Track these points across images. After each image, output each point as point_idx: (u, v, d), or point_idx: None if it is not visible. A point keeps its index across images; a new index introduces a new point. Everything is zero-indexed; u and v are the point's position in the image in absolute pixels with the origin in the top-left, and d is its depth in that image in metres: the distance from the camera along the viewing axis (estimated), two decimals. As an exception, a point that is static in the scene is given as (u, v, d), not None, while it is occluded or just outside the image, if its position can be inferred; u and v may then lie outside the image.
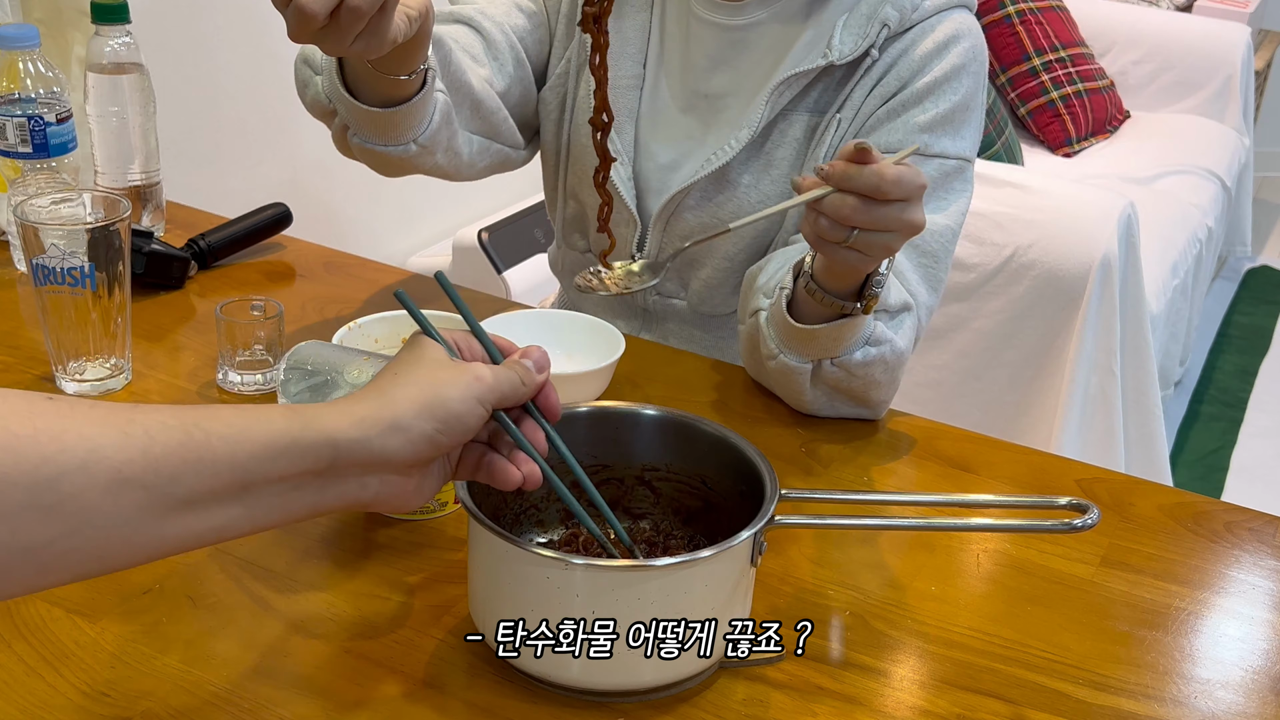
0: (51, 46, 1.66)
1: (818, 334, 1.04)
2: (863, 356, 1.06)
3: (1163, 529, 1.00)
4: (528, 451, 0.75)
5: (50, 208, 1.06)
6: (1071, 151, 3.38)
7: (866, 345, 1.06)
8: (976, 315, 2.29)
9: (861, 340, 1.06)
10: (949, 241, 1.16)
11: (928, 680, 0.82)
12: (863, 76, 1.17)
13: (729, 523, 0.85)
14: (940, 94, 1.16)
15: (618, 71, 1.23)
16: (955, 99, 1.16)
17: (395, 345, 0.99)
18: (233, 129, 2.06)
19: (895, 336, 1.09)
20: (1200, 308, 3.24)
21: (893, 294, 1.09)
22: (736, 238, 1.22)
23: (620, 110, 1.24)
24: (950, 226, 1.16)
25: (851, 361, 1.06)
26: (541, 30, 1.28)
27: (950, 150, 1.16)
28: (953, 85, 1.16)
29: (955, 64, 1.16)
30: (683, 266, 1.27)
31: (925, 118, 1.15)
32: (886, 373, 1.09)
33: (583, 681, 0.77)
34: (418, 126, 1.10)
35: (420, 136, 1.11)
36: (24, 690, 0.76)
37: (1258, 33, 4.16)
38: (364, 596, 0.86)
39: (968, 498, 0.95)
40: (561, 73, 1.27)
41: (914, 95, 1.16)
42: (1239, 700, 0.83)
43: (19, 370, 1.11)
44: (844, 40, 1.16)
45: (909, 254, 1.14)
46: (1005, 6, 3.38)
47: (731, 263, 1.24)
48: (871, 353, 1.06)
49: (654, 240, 1.25)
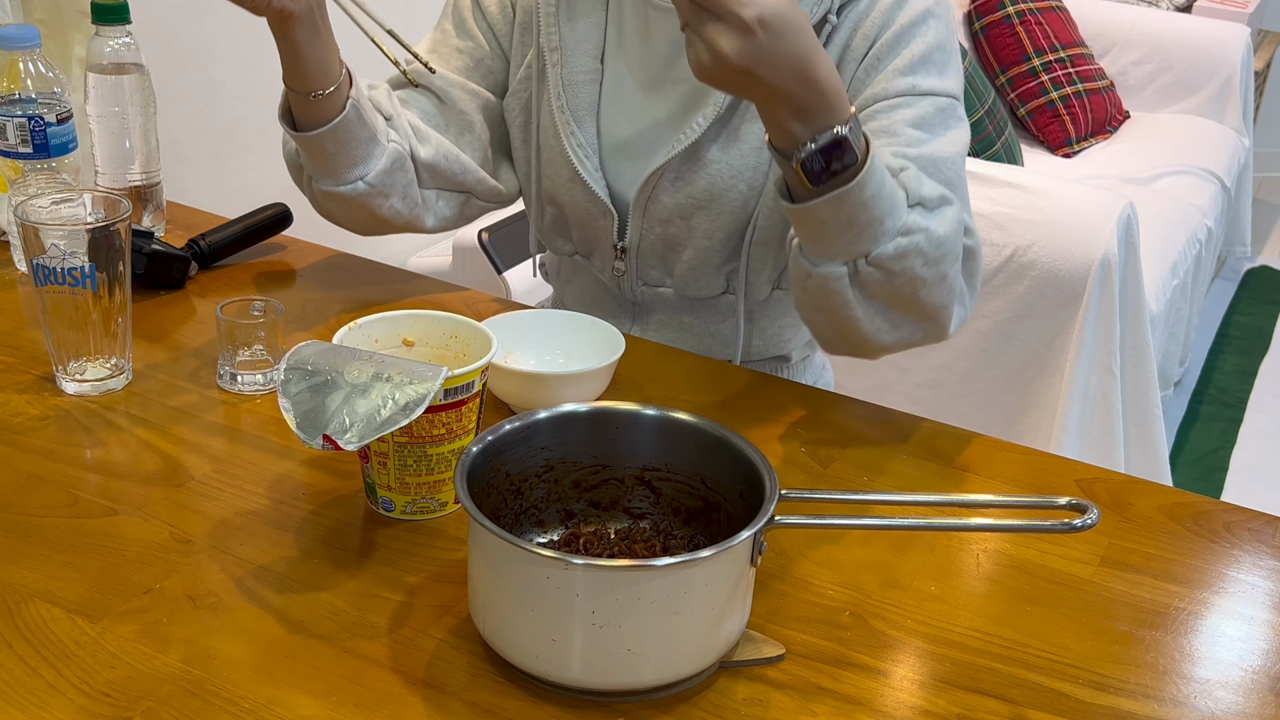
0: (52, 47, 1.66)
1: (816, 211, 1.01)
2: (895, 249, 1.03)
3: (1162, 529, 1.00)
4: None
5: (50, 208, 1.06)
6: (1071, 152, 3.38)
7: (899, 236, 1.03)
8: (976, 315, 2.29)
9: (892, 231, 1.03)
10: (961, 169, 1.15)
11: (928, 680, 0.82)
12: (826, 43, 1.17)
13: (729, 523, 0.85)
14: (911, 38, 1.15)
15: (574, 69, 1.25)
16: (928, 40, 1.15)
17: (395, 345, 0.99)
18: (233, 129, 2.06)
19: (930, 224, 1.05)
20: (1200, 308, 3.24)
21: (926, 185, 1.06)
22: (713, 215, 1.23)
23: (579, 106, 1.25)
24: (958, 154, 1.15)
25: (885, 255, 1.03)
26: (488, 59, 1.31)
27: (938, 88, 1.16)
28: (921, 29, 1.15)
29: (919, 9, 1.15)
30: (665, 251, 1.27)
31: (902, 62, 1.15)
32: (928, 266, 1.06)
33: (583, 681, 0.77)
34: (362, 164, 1.21)
35: (367, 176, 1.21)
36: (24, 690, 0.76)
37: (1257, 33, 4.16)
38: (364, 596, 0.86)
39: (967, 498, 0.95)
40: (523, 78, 1.29)
41: (886, 45, 1.15)
42: (1239, 700, 0.83)
43: (19, 370, 1.11)
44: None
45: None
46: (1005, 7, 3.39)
47: (711, 241, 1.24)
48: (904, 243, 1.04)
49: (634, 227, 1.26)
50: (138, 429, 1.04)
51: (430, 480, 0.93)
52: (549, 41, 1.24)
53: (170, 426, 1.04)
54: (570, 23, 1.25)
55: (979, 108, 2.94)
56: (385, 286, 1.32)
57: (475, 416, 0.94)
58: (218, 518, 0.93)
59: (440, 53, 1.31)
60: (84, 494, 0.95)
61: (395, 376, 0.86)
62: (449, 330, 1.00)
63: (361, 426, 0.85)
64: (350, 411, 0.85)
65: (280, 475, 0.99)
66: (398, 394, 0.85)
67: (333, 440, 0.84)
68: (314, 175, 1.23)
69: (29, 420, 1.04)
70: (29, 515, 0.92)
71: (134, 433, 1.03)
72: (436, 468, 0.92)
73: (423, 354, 1.00)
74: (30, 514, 0.92)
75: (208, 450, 1.01)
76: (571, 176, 1.26)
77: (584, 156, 1.25)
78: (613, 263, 1.29)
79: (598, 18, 1.26)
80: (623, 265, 1.29)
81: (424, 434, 0.91)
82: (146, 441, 1.02)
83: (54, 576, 0.86)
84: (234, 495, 0.96)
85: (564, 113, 1.25)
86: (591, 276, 1.35)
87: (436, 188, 1.29)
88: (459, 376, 0.90)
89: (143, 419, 1.05)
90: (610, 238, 1.28)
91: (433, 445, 0.91)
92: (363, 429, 0.84)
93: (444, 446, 0.92)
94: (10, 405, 1.06)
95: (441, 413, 0.90)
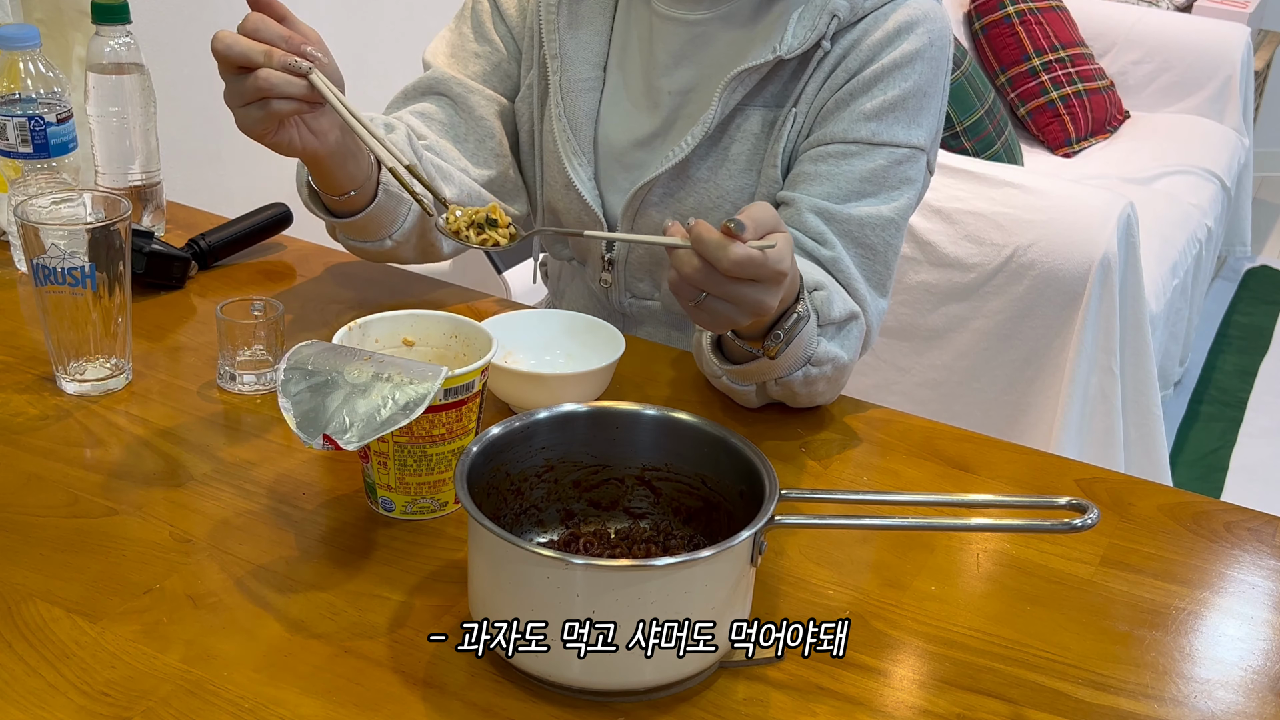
0: (52, 46, 1.66)
1: (748, 371, 1.05)
2: (803, 375, 1.06)
3: (1162, 529, 1.00)
4: None
5: (51, 208, 1.06)
6: (1071, 152, 3.38)
7: (809, 365, 1.06)
8: (976, 315, 2.29)
9: (802, 361, 1.05)
10: (891, 236, 1.16)
11: (928, 680, 0.82)
12: (815, 69, 1.16)
13: (729, 523, 0.85)
14: (890, 81, 1.14)
15: (573, 76, 1.25)
16: (907, 85, 1.14)
17: (395, 345, 0.99)
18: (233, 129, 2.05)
19: (840, 351, 1.09)
20: (1200, 308, 3.24)
21: (836, 306, 1.08)
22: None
23: (577, 113, 1.25)
24: (893, 219, 1.15)
25: (794, 380, 1.06)
26: (505, 63, 1.30)
27: (900, 138, 1.15)
28: (904, 72, 1.14)
29: (909, 50, 1.14)
30: (652, 266, 1.27)
31: (872, 105, 1.14)
32: (831, 385, 1.11)
33: (583, 681, 0.77)
34: (390, 225, 1.21)
35: (395, 234, 1.22)
36: (24, 690, 0.76)
37: (1257, 33, 4.16)
38: (364, 596, 0.86)
39: (967, 498, 0.95)
40: (530, 84, 1.29)
41: (862, 84, 1.15)
42: (1239, 700, 0.83)
43: (19, 370, 1.11)
44: (795, 34, 1.15)
45: (849, 248, 1.14)
46: (1005, 6, 3.38)
47: None
48: (813, 372, 1.07)
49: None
50: (138, 429, 1.04)
51: (430, 480, 0.93)
52: (550, 48, 1.24)
53: (170, 426, 1.04)
54: (572, 30, 1.25)
55: (979, 108, 2.94)
56: (385, 286, 1.32)
57: (475, 416, 0.94)
58: (218, 518, 0.93)
59: (459, 57, 1.30)
60: (84, 494, 0.95)
61: (395, 376, 0.86)
62: (449, 330, 1.00)
63: (361, 426, 0.84)
64: (350, 411, 0.85)
65: (280, 475, 0.99)
66: (398, 394, 0.85)
67: (333, 440, 0.84)
68: (340, 230, 1.21)
69: (29, 420, 1.04)
70: (29, 515, 0.92)
71: (134, 433, 1.03)
72: (436, 468, 0.92)
73: (423, 354, 1.00)
74: (30, 514, 0.92)
75: (208, 450, 1.01)
76: (566, 184, 1.26)
77: (578, 165, 1.25)
78: (601, 274, 1.29)
79: (601, 25, 1.25)
80: (610, 277, 1.29)
81: (424, 434, 0.91)
82: (146, 441, 1.02)
83: (54, 576, 0.86)
84: (234, 495, 0.96)
85: (561, 119, 1.24)
86: (586, 284, 1.35)
87: None
88: (459, 376, 0.90)
89: (143, 419, 1.05)
90: (599, 248, 1.28)
91: (433, 445, 0.91)
92: (363, 429, 0.84)
93: (444, 446, 0.92)
94: (10, 405, 1.06)
95: (441, 413, 0.90)
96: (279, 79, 1.00)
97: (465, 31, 1.31)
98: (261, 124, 1.03)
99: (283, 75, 1.00)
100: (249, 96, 1.01)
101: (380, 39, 2.45)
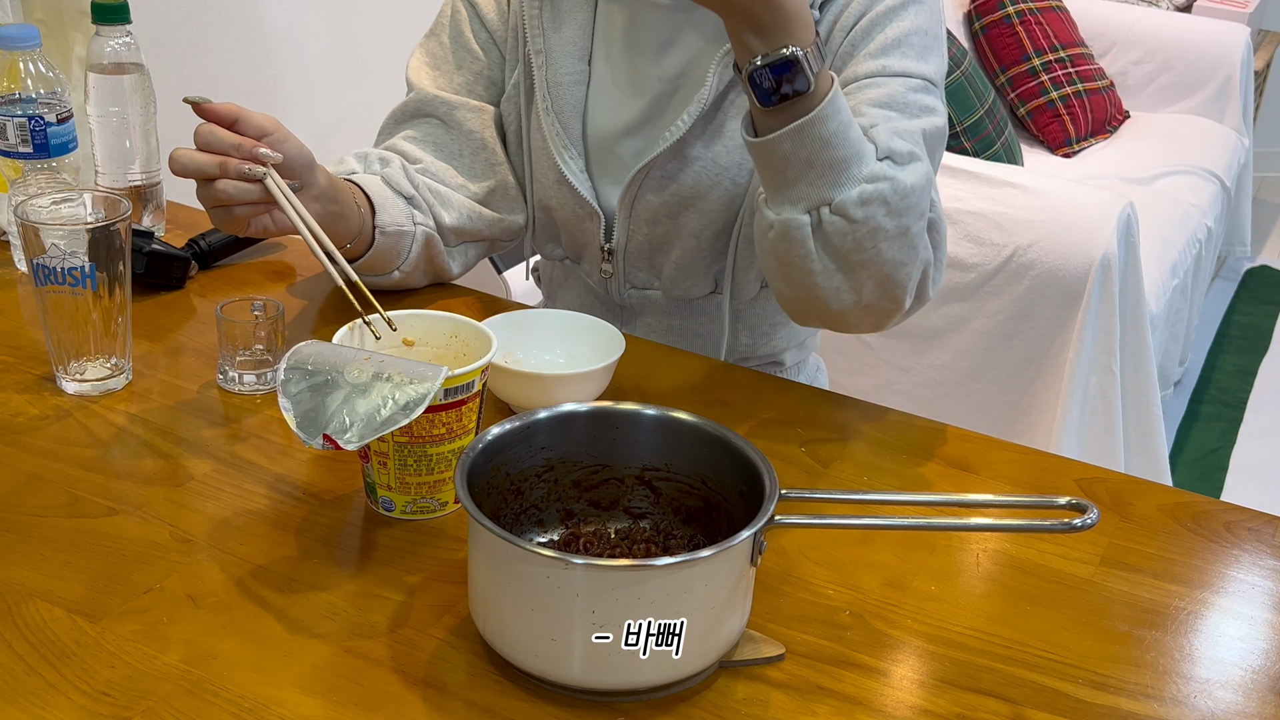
0: (52, 46, 1.66)
1: (776, 146, 1.01)
2: (859, 195, 1.02)
3: (1162, 529, 1.00)
4: None
5: (51, 208, 1.06)
6: (1071, 152, 3.38)
7: (864, 182, 1.02)
8: (976, 315, 2.29)
9: (857, 177, 1.02)
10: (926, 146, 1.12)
11: (928, 680, 0.82)
12: None
13: (729, 523, 0.85)
14: (887, 23, 1.14)
15: (559, 70, 1.25)
16: (904, 25, 1.14)
17: (396, 345, 0.99)
18: (233, 129, 2.05)
19: (898, 174, 1.04)
20: (1200, 308, 3.24)
21: (896, 141, 1.06)
22: (700, 213, 1.23)
23: (565, 107, 1.25)
24: (925, 131, 1.12)
25: (848, 201, 1.02)
26: (488, 71, 1.30)
27: (913, 69, 1.14)
28: (898, 15, 1.14)
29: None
30: (652, 252, 1.27)
31: (876, 45, 1.14)
32: (891, 216, 1.04)
33: (582, 681, 0.77)
34: (396, 259, 1.24)
35: (402, 266, 1.25)
36: (24, 690, 0.76)
37: (1257, 33, 4.16)
38: (364, 596, 0.86)
39: (967, 497, 0.95)
40: (515, 83, 1.29)
41: (861, 32, 1.15)
42: (1239, 700, 0.83)
43: (19, 370, 1.11)
44: None
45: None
46: (1005, 6, 3.39)
47: (699, 240, 1.24)
48: (868, 190, 1.02)
49: (621, 228, 1.26)
50: (138, 429, 1.04)
51: (430, 480, 0.93)
52: (534, 45, 1.24)
53: (170, 426, 1.04)
54: (555, 25, 1.25)
55: (979, 108, 2.94)
56: (385, 286, 1.32)
57: (475, 416, 0.94)
58: (218, 518, 0.93)
59: (442, 70, 1.31)
60: (84, 494, 0.95)
61: (395, 376, 0.87)
62: (449, 330, 1.00)
63: (361, 426, 0.85)
64: (350, 411, 0.85)
65: (280, 475, 0.99)
66: (398, 394, 0.85)
67: (333, 440, 0.84)
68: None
69: (29, 420, 1.04)
70: (29, 515, 0.92)
71: (134, 433, 1.03)
72: (436, 467, 0.92)
73: (423, 354, 1.00)
74: (30, 514, 0.92)
75: (208, 450, 1.01)
76: (558, 179, 1.26)
77: (569, 158, 1.25)
78: (600, 265, 1.29)
79: (584, 19, 1.26)
80: (610, 267, 1.29)
81: (424, 434, 0.91)
82: (146, 441, 1.02)
83: (54, 576, 0.86)
84: (234, 495, 0.96)
85: (549, 114, 1.25)
86: (580, 282, 1.35)
87: (462, 243, 1.31)
88: (459, 376, 0.90)
89: (143, 419, 1.05)
90: (598, 240, 1.28)
91: (433, 445, 0.91)
92: (363, 429, 0.84)
93: (444, 446, 0.92)
94: (10, 405, 1.06)
95: (441, 413, 0.90)
96: (234, 189, 1.05)
97: (445, 41, 1.31)
98: (230, 226, 1.09)
99: (238, 184, 1.05)
100: (210, 204, 1.07)
101: (381, 39, 2.46)
